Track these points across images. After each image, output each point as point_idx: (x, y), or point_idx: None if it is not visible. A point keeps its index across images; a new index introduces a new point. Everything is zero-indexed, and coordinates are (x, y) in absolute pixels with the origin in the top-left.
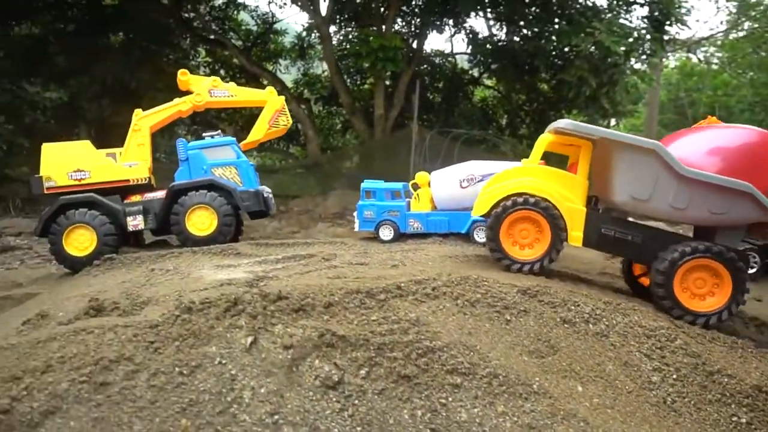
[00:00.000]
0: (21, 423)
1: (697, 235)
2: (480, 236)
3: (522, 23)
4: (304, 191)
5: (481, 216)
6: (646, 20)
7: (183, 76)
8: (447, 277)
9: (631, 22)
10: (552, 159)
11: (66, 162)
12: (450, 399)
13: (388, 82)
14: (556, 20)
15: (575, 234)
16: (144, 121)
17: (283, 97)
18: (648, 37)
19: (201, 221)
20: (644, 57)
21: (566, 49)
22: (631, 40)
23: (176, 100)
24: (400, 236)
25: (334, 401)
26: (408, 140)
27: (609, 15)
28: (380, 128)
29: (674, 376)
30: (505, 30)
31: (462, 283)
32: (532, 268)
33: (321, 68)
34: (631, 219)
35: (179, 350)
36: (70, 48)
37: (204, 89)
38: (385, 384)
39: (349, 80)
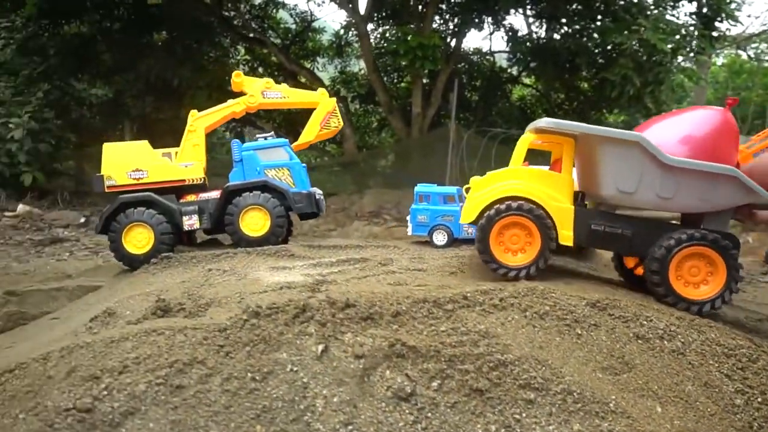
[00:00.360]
0: (103, 422)
1: (685, 222)
2: None
3: (563, 20)
4: (340, 189)
5: (469, 223)
6: (694, 16)
7: (237, 78)
8: (513, 288)
9: (678, 18)
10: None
11: (125, 161)
12: (524, 415)
13: (425, 81)
14: (599, 17)
15: (565, 233)
16: (199, 122)
17: (334, 99)
18: (696, 33)
19: (254, 222)
20: (692, 55)
21: (609, 47)
22: (678, 37)
23: (230, 102)
24: (453, 241)
25: (407, 413)
26: (445, 139)
27: (655, 11)
28: (417, 127)
29: (759, 400)
30: (545, 27)
31: (529, 294)
32: (526, 274)
33: (358, 66)
34: (619, 212)
35: (250, 355)
36: (116, 46)
37: (257, 91)
38: (457, 397)
39: (386, 78)
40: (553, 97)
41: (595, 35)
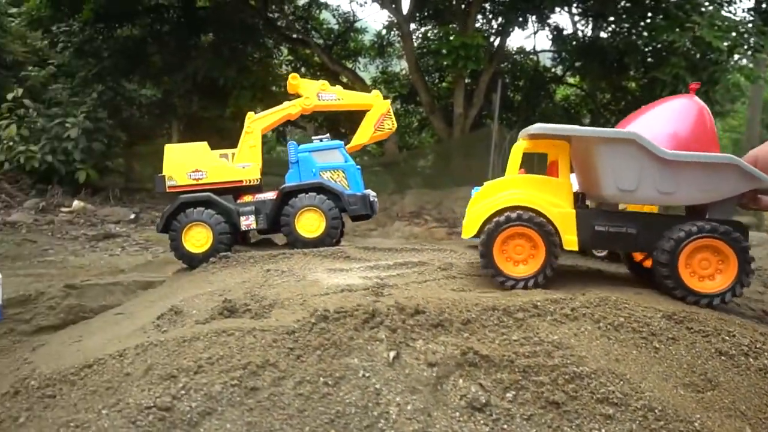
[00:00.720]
0: (182, 421)
1: (689, 213)
2: (598, 250)
3: (611, 18)
4: (381, 189)
5: (472, 237)
6: (752, 12)
7: (293, 80)
8: (584, 297)
9: (734, 14)
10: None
11: (185, 162)
12: (603, 431)
13: (468, 81)
14: (649, 14)
15: (569, 238)
16: (256, 124)
17: (388, 101)
18: (754, 30)
19: (310, 223)
20: (750, 53)
21: (659, 45)
22: (734, 34)
23: (286, 104)
24: None
25: (482, 424)
26: (486, 139)
27: (710, 7)
28: (459, 127)
29: None
30: (591, 26)
31: (602, 305)
32: (529, 284)
33: (399, 66)
34: (621, 210)
35: (321, 360)
36: (166, 48)
37: (312, 93)
38: (533, 410)
39: (427, 78)
40: (598, 97)
41: (645, 33)
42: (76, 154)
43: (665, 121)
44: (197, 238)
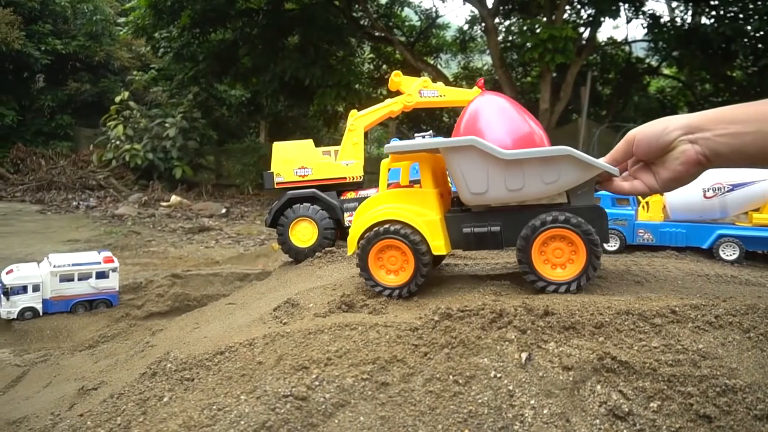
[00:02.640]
0: (318, 411)
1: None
2: (727, 253)
3: (715, 2)
4: None
5: (352, 254)
6: None
7: (396, 77)
8: (728, 305)
9: None
10: None
11: (292, 159)
12: None
13: (554, 74)
14: None
15: (437, 244)
16: (359, 121)
17: None
18: None
19: None
20: None
21: None
22: None
23: (388, 101)
24: (625, 247)
25: None
26: (574, 135)
27: None
28: (545, 123)
29: None
30: (691, 12)
31: (749, 313)
32: (403, 292)
33: (481, 61)
34: (490, 208)
35: (449, 358)
36: (254, 50)
37: (415, 90)
38: (681, 422)
39: (511, 73)
40: (698, 89)
41: (756, 17)
42: (173, 152)
43: (498, 124)
44: (303, 233)
